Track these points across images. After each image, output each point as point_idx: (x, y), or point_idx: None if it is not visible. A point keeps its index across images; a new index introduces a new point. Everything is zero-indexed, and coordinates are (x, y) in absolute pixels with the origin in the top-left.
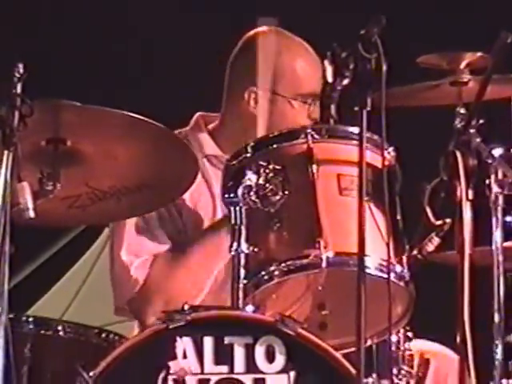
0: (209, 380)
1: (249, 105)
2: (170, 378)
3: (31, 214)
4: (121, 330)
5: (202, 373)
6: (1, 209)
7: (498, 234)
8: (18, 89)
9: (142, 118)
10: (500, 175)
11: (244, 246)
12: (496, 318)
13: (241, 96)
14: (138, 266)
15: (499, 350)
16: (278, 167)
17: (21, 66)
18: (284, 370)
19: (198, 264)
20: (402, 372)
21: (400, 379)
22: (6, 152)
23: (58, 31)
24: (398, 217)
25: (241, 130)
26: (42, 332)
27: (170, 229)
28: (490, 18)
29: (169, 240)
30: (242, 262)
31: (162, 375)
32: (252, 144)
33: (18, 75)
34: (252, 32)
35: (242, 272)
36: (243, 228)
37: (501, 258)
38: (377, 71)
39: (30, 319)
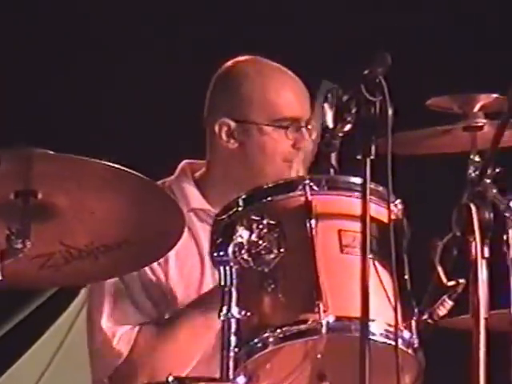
0: None
1: (221, 139)
2: None
3: None
4: None
5: None
6: None
7: None
8: None
9: (122, 168)
10: None
11: (235, 310)
12: None
13: (214, 131)
14: (121, 337)
15: None
16: (272, 222)
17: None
18: None
19: (186, 339)
20: None
21: None
22: None
23: (29, 77)
24: (406, 277)
25: (224, 174)
26: None
27: (154, 293)
28: (506, 56)
29: (153, 307)
30: (233, 327)
31: None
32: (244, 196)
33: None
34: (228, 63)
35: (233, 339)
36: (234, 290)
37: None
38: (382, 115)
39: None
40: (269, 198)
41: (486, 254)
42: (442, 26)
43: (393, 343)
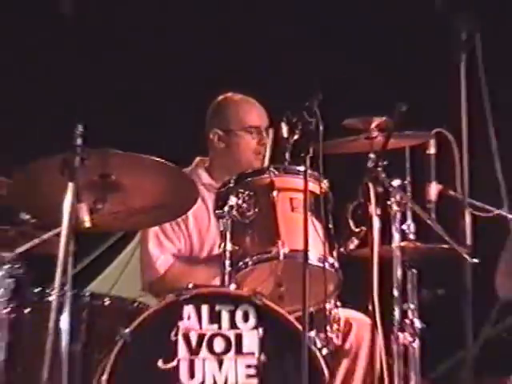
0: (205, 334)
1: (214, 142)
2: (180, 333)
3: (87, 224)
4: (146, 301)
5: (201, 329)
6: (68, 221)
7: (396, 237)
8: (79, 141)
9: (161, 160)
10: (397, 198)
11: (229, 245)
12: (395, 292)
13: (210, 138)
14: (161, 262)
15: (397, 314)
16: (251, 193)
17: (80, 126)
18: (255, 327)
19: (203, 274)
20: (333, 329)
21: (331, 334)
22: (70, 183)
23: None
24: (330, 226)
25: (220, 164)
26: (94, 303)
27: (181, 234)
28: (393, 91)
29: (182, 244)
30: (228, 256)
31: (173, 332)
32: (234, 177)
33: (78, 132)
34: (219, 97)
35: (227, 263)
36: (228, 233)
37: (398, 254)
38: (316, 130)
39: (87, 294)
40: (249, 179)
41: (378, 212)
42: (353, 68)
43: (322, 265)
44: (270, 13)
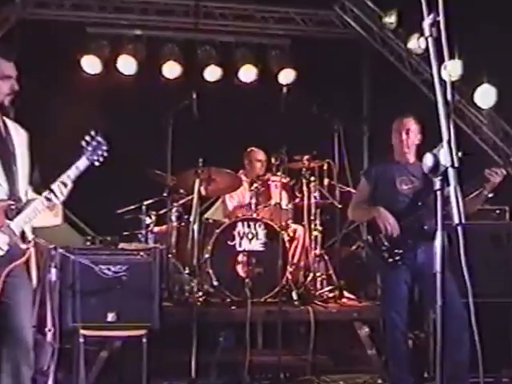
0: (245, 233)
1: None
2: (235, 232)
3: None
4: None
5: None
6: (196, 191)
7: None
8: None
9: (228, 170)
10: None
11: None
12: None
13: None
14: (230, 207)
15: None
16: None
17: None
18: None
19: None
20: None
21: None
22: (197, 179)
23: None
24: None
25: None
26: (206, 221)
27: (235, 198)
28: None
29: (235, 201)
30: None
31: (234, 231)
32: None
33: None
34: None
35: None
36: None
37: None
38: None
39: (205, 218)
40: None
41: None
42: None
43: None
44: None
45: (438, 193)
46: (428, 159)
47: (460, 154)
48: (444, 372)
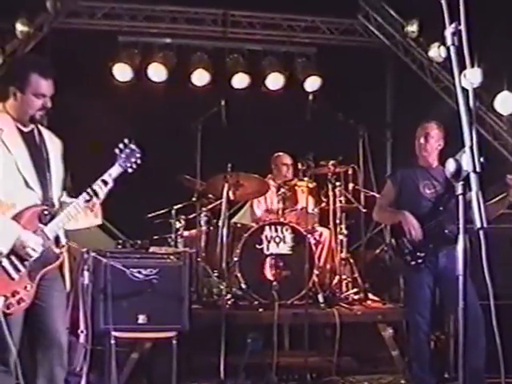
0: (272, 237)
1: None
2: (263, 236)
3: (232, 197)
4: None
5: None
6: (225, 196)
7: None
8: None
9: (255, 175)
10: None
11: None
12: None
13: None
14: (258, 212)
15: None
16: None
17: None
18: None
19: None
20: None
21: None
22: (225, 184)
23: None
24: None
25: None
26: (235, 225)
27: (263, 203)
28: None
29: (263, 206)
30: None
31: (262, 234)
32: None
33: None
34: None
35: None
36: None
37: None
38: None
39: (233, 222)
40: None
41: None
42: None
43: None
44: None
45: (461, 197)
46: (450, 164)
47: (482, 159)
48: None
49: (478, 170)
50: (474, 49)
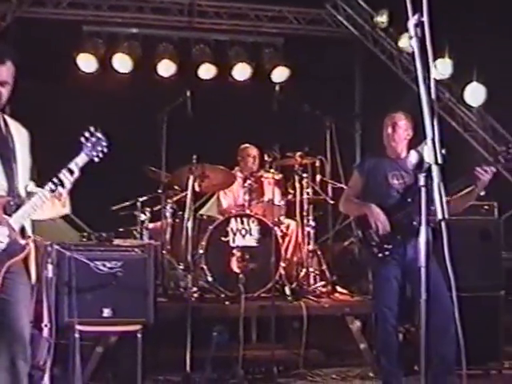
0: (238, 229)
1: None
2: (229, 228)
3: (197, 189)
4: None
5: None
6: (191, 188)
7: None
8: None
9: (221, 167)
10: None
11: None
12: None
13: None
14: (225, 204)
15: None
16: None
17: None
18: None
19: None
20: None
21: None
22: (190, 176)
23: None
24: None
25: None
26: (201, 217)
27: (230, 195)
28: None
29: (230, 198)
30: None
31: (228, 227)
32: None
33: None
34: None
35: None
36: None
37: None
38: None
39: (199, 215)
40: None
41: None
42: None
43: None
44: None
45: (423, 189)
46: (412, 156)
47: (443, 151)
48: (432, 365)
49: (439, 161)
50: (445, 40)
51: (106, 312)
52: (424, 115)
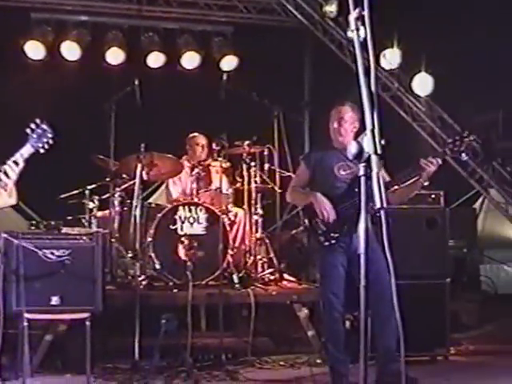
0: (186, 217)
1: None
2: (177, 216)
3: (145, 178)
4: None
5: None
6: (139, 176)
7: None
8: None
9: (170, 155)
10: None
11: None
12: None
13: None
14: (174, 193)
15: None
16: None
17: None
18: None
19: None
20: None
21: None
22: (139, 165)
23: None
24: None
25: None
26: (148, 205)
27: (178, 183)
28: None
29: (178, 187)
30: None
31: (175, 215)
32: None
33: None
34: None
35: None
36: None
37: None
38: None
39: (147, 203)
40: None
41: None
42: None
43: None
44: None
45: (362, 178)
46: (352, 147)
47: (383, 141)
48: (377, 353)
49: (378, 151)
50: (393, 30)
51: (55, 300)
52: (364, 106)
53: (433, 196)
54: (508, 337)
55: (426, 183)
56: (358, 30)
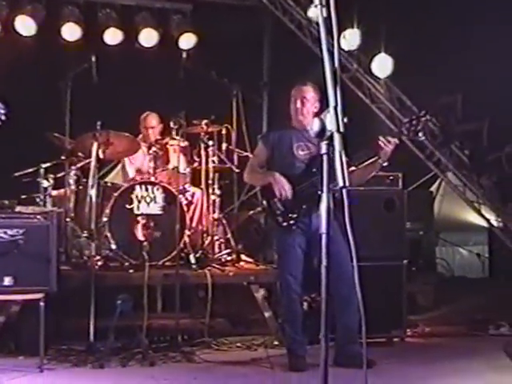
0: (143, 197)
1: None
2: (133, 195)
3: (101, 156)
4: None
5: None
6: (95, 155)
7: None
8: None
9: (127, 134)
10: None
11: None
12: None
13: None
14: (131, 172)
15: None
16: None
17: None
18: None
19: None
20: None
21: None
22: (95, 143)
23: None
24: None
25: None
26: (105, 184)
27: (134, 162)
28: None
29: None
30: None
31: (132, 194)
32: None
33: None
34: None
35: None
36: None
37: None
38: None
39: (103, 182)
40: None
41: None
42: None
43: None
44: None
45: (325, 157)
46: (315, 124)
47: (345, 119)
48: (336, 334)
49: (341, 129)
50: (353, 10)
51: (7, 280)
52: (326, 84)
53: (391, 178)
54: (463, 318)
55: (384, 164)
56: (321, 4)
